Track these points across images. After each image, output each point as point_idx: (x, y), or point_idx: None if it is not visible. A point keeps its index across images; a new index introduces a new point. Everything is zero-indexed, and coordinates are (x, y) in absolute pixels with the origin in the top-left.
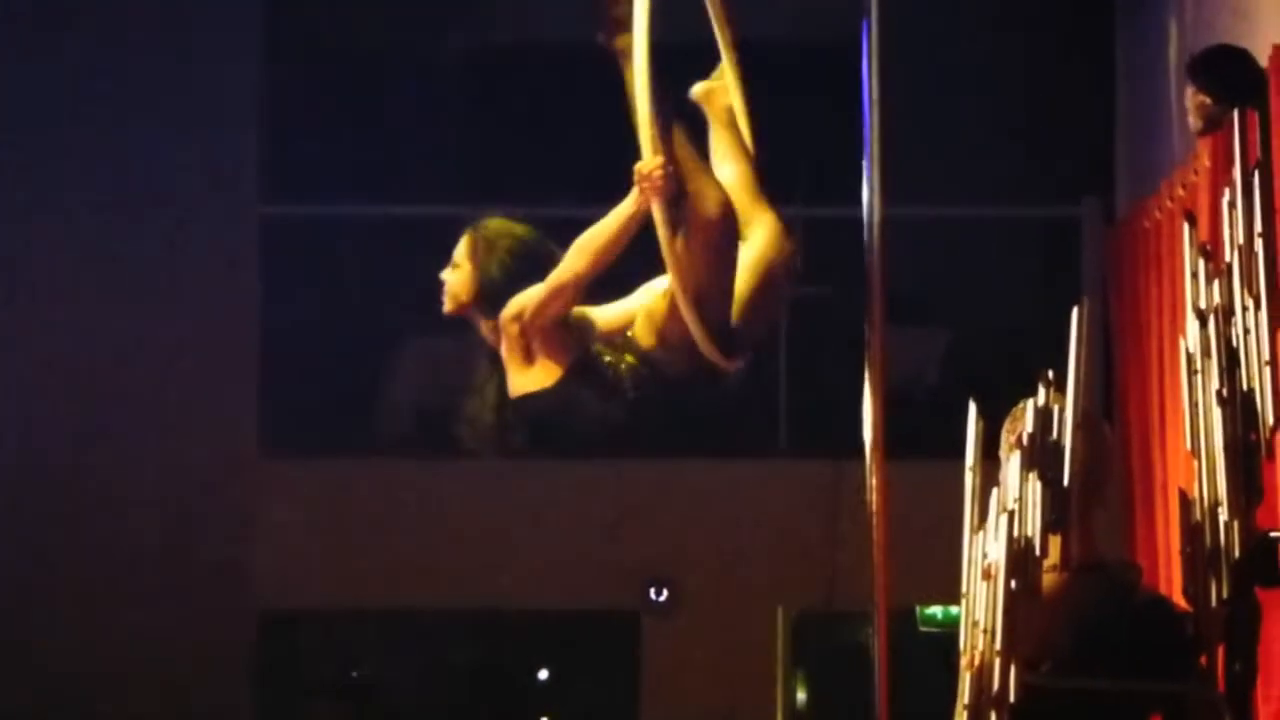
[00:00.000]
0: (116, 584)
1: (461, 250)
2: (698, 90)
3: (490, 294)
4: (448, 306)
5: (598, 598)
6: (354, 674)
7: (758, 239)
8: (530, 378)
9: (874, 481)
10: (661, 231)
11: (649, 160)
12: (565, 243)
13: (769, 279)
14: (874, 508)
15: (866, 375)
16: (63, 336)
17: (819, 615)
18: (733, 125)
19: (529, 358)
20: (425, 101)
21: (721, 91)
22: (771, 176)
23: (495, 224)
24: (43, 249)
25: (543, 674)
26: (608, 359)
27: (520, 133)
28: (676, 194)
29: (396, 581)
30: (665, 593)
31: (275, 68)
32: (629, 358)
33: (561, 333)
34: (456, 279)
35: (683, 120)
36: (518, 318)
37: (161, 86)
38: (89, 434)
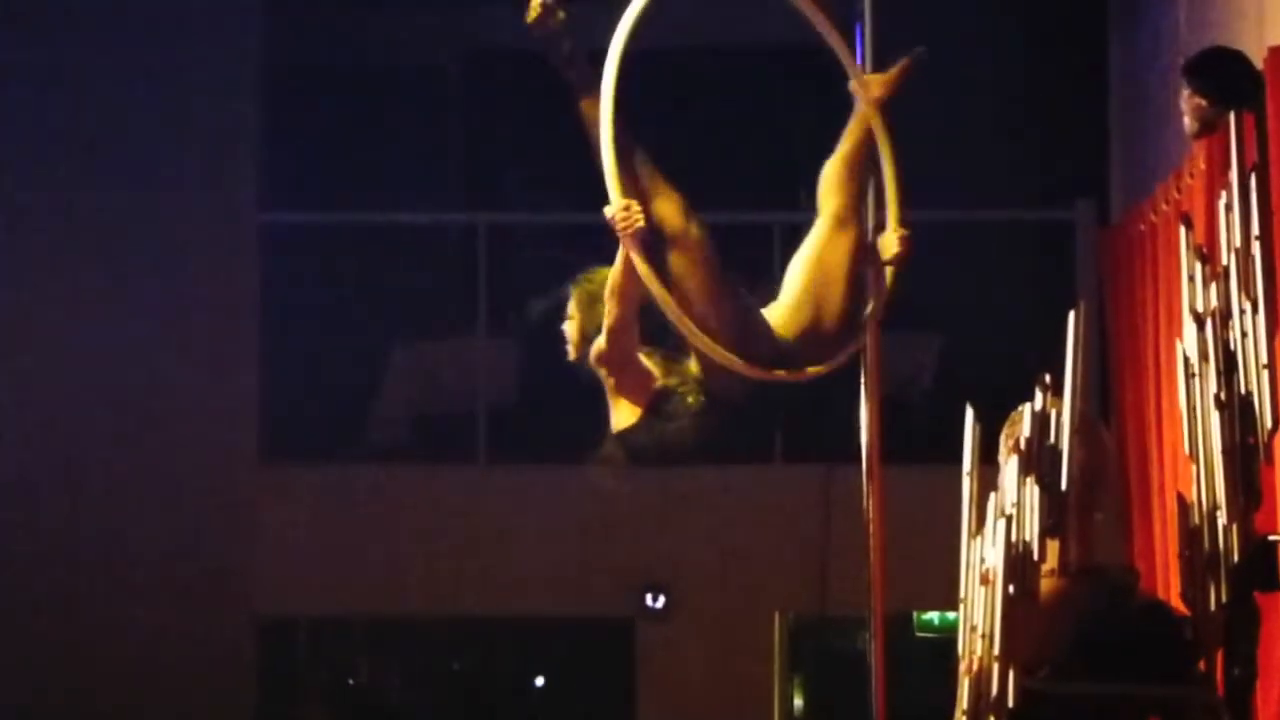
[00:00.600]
0: (116, 588)
1: (572, 302)
2: (854, 84)
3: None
4: (570, 354)
5: (594, 604)
6: (350, 681)
7: (813, 233)
8: (622, 415)
9: (871, 487)
10: (642, 269)
11: (614, 204)
12: (567, 248)
13: (825, 274)
14: (871, 513)
15: (862, 381)
16: (63, 341)
17: (816, 620)
18: (864, 122)
19: (616, 395)
20: (424, 110)
21: (869, 87)
22: (771, 181)
23: (602, 274)
24: (46, 256)
25: (539, 680)
26: (680, 390)
27: (519, 140)
28: (645, 229)
29: (393, 588)
30: (662, 598)
31: (275, 77)
32: (694, 387)
33: (635, 375)
34: (571, 329)
35: (639, 139)
36: (599, 360)
37: (162, 94)
38: (90, 438)
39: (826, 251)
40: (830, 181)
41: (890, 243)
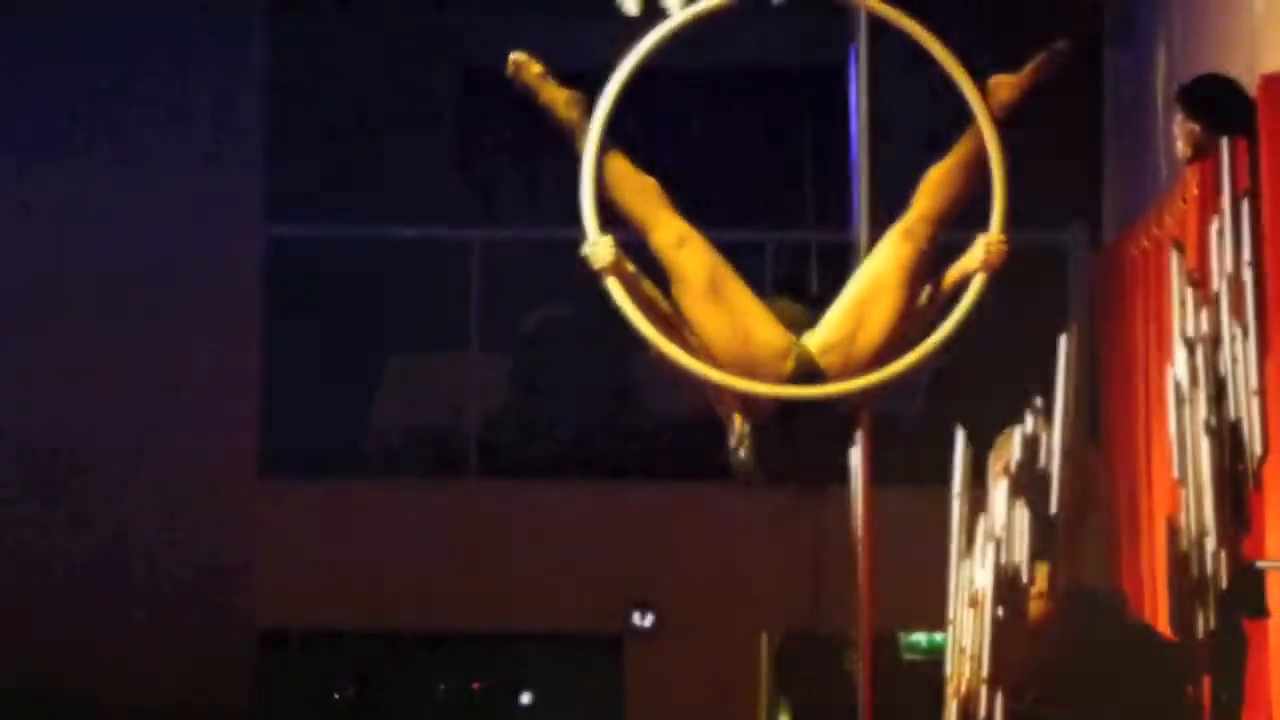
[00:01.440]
0: (115, 599)
1: None
2: (968, 91)
3: None
4: None
5: (582, 621)
6: (336, 695)
7: (879, 243)
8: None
9: (860, 508)
10: (618, 300)
11: (586, 241)
12: (565, 263)
13: (872, 286)
14: (860, 534)
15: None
16: (64, 352)
17: (804, 640)
18: (977, 134)
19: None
20: (425, 126)
21: (997, 91)
22: (769, 198)
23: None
24: (50, 267)
25: (525, 698)
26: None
27: (518, 156)
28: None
29: (383, 602)
30: (649, 616)
31: (279, 93)
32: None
33: (725, 403)
34: None
35: (618, 144)
36: None
37: (169, 109)
38: (90, 450)
39: (880, 262)
40: (920, 190)
41: (976, 252)
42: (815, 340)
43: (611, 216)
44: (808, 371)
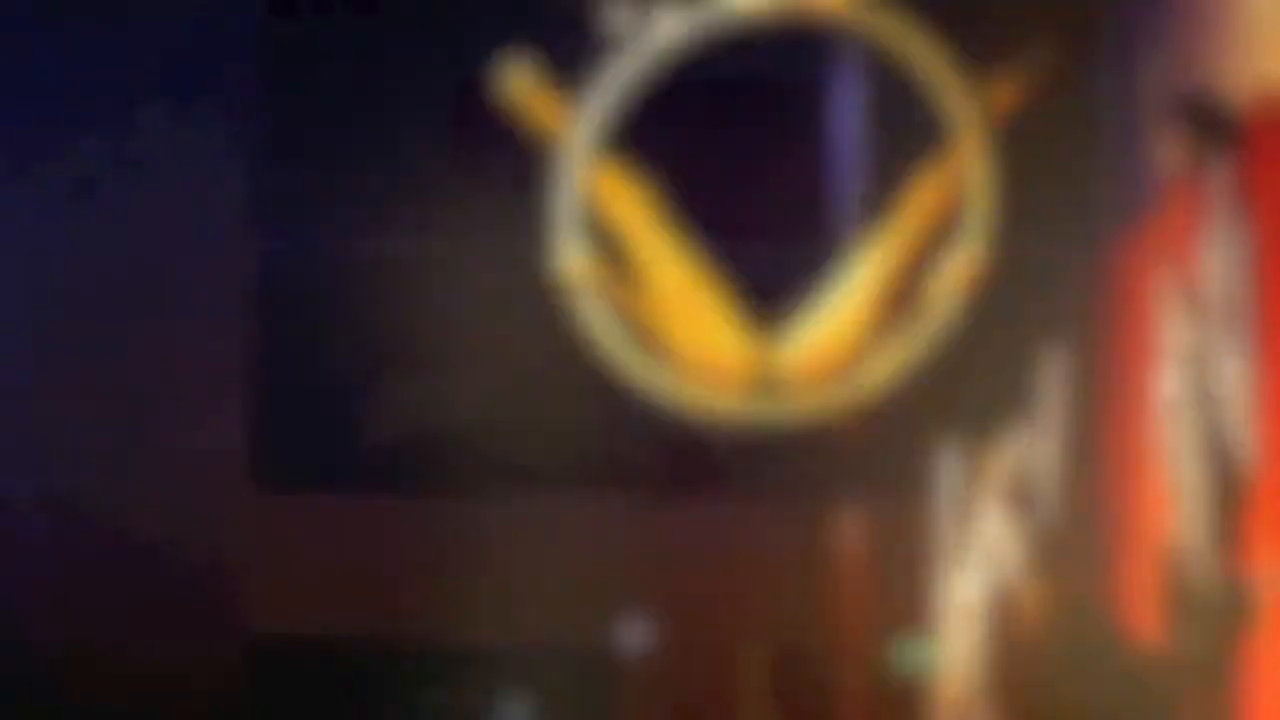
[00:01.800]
0: (110, 605)
1: None
2: (958, 98)
3: None
4: None
5: (573, 636)
6: (330, 704)
7: (859, 259)
8: None
9: (852, 520)
10: (594, 331)
11: (565, 260)
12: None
13: (850, 298)
14: (851, 548)
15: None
16: (61, 356)
17: (796, 655)
18: (965, 138)
19: None
20: (420, 138)
21: (997, 94)
22: (755, 207)
23: None
24: (45, 278)
25: (518, 711)
26: None
27: (515, 169)
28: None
29: (377, 613)
30: (641, 632)
31: (272, 103)
32: None
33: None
34: None
35: (608, 155)
36: None
37: (167, 110)
38: (84, 463)
39: (861, 274)
40: (905, 199)
41: (958, 265)
42: (786, 353)
43: (596, 228)
44: (775, 384)
